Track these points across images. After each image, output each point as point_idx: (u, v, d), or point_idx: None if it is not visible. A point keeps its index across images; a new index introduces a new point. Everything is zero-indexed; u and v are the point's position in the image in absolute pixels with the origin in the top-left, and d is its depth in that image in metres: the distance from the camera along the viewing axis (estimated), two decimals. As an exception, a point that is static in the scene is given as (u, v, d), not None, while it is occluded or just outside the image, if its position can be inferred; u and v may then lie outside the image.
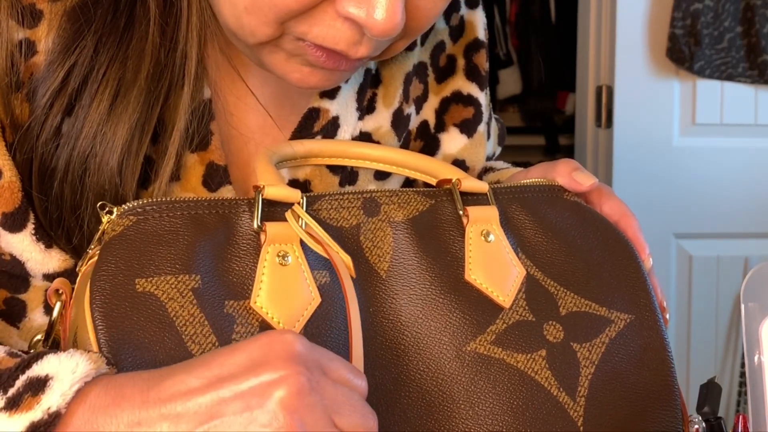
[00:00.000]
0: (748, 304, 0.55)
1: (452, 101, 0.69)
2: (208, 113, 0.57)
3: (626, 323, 0.54)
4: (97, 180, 0.52)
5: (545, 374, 0.51)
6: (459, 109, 0.69)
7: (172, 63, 0.54)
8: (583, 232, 0.57)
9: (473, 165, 0.70)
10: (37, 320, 0.56)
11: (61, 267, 0.54)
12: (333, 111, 0.63)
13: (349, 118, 0.64)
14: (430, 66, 0.69)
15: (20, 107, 0.52)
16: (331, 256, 0.47)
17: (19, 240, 0.53)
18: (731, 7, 1.75)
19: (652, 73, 1.80)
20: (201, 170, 0.57)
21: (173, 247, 0.46)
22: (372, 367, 0.48)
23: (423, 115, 0.69)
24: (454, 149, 0.69)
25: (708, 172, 1.81)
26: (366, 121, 0.65)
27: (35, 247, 0.53)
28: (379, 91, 0.66)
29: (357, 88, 0.64)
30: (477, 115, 0.70)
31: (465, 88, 0.70)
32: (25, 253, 0.53)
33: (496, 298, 0.52)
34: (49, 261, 0.54)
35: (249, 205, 0.49)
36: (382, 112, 0.65)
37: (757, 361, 0.53)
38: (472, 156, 0.70)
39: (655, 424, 0.53)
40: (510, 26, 2.92)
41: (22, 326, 0.56)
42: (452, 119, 0.69)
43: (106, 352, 0.42)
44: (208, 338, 0.44)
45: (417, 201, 0.54)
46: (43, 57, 0.53)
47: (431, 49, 0.69)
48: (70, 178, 0.52)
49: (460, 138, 0.69)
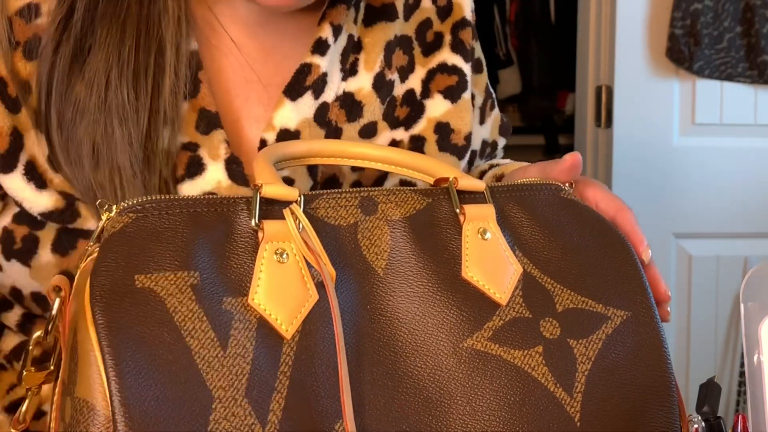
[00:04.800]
0: (747, 303, 0.55)
1: (438, 71, 0.74)
2: (195, 63, 0.62)
3: (623, 320, 0.55)
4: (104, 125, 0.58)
5: (542, 370, 0.51)
6: (444, 78, 0.74)
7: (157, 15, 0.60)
8: (579, 230, 0.57)
9: (458, 128, 0.73)
10: (45, 257, 0.60)
11: (54, 206, 0.59)
12: (323, 67, 0.67)
13: (334, 77, 0.68)
14: (416, 40, 0.74)
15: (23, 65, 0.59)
16: (321, 269, 0.47)
17: (11, 180, 0.59)
18: (731, 7, 1.75)
19: (651, 72, 1.80)
20: (194, 116, 0.62)
21: (172, 244, 0.46)
22: (370, 363, 0.49)
23: (409, 84, 0.73)
24: (438, 113, 0.73)
25: (707, 172, 1.82)
26: (349, 83, 0.70)
27: (27, 186, 0.59)
28: (361, 56, 0.71)
29: (341, 51, 0.69)
30: (461, 83, 0.74)
31: (450, 60, 0.74)
32: (19, 193, 0.59)
33: (492, 295, 0.52)
34: (41, 200, 0.59)
35: (247, 204, 0.49)
36: (364, 75, 0.70)
37: (757, 361, 0.54)
38: (455, 119, 0.73)
39: (652, 420, 0.54)
40: (510, 26, 2.93)
41: (33, 264, 0.60)
42: (437, 87, 0.74)
43: (105, 347, 0.43)
44: (207, 334, 0.45)
45: (414, 199, 0.54)
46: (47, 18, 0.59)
47: (416, 25, 0.74)
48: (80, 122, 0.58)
49: (443, 103, 0.73)
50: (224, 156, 0.62)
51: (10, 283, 0.61)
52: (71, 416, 0.45)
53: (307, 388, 0.46)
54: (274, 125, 0.65)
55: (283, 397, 0.45)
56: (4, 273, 0.61)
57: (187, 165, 0.61)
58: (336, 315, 0.47)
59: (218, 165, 0.62)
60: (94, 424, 0.43)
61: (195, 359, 0.44)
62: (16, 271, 0.60)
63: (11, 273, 0.61)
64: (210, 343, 0.45)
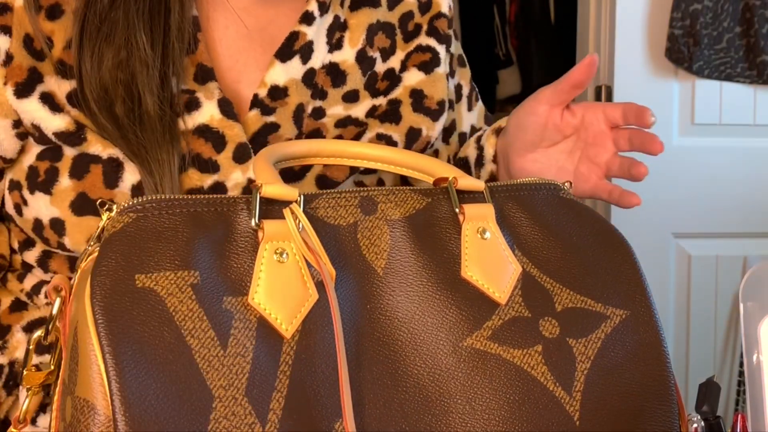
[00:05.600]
0: (746, 303, 0.55)
1: (414, 51, 0.85)
2: (194, 25, 0.74)
3: (622, 319, 0.55)
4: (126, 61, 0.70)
5: (541, 369, 0.51)
6: (419, 56, 0.85)
7: None
8: (578, 229, 0.57)
9: (431, 95, 0.83)
10: (64, 182, 0.69)
11: (66, 128, 0.69)
12: (309, 35, 0.79)
13: (320, 47, 0.79)
14: (399, 28, 0.85)
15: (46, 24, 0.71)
16: (321, 269, 0.47)
17: (28, 103, 0.70)
18: (730, 8, 1.75)
19: (651, 73, 1.80)
20: (193, 69, 0.73)
21: (172, 243, 0.46)
22: (369, 363, 0.49)
23: (390, 64, 0.84)
24: (413, 81, 0.83)
25: (707, 171, 1.82)
26: (334, 54, 0.81)
27: (42, 108, 0.70)
28: (346, 34, 0.82)
29: (328, 27, 0.80)
30: (434, 59, 0.85)
31: (425, 42, 0.86)
32: (35, 113, 0.69)
33: (492, 294, 0.52)
34: (55, 121, 0.69)
35: (247, 203, 0.50)
36: (348, 49, 0.81)
37: (756, 360, 0.54)
38: (429, 87, 0.83)
39: (651, 419, 0.54)
40: (510, 26, 2.93)
41: (54, 191, 0.70)
42: (413, 62, 0.85)
43: (106, 346, 0.43)
44: (207, 333, 0.45)
45: (414, 199, 0.54)
46: None
47: (399, 15, 0.86)
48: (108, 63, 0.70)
49: (418, 74, 0.84)
50: (217, 97, 0.73)
51: (33, 215, 0.71)
52: (72, 415, 0.45)
53: (307, 388, 0.46)
54: (265, 82, 0.76)
55: (283, 396, 0.45)
56: (29, 207, 0.71)
57: (186, 104, 0.73)
58: (336, 314, 0.47)
59: (212, 103, 0.73)
60: (94, 423, 0.43)
61: (195, 358, 0.44)
62: (39, 202, 0.70)
63: (35, 205, 0.70)
64: (210, 343, 0.45)
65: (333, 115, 0.79)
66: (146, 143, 0.69)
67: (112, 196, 0.69)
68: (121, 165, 0.69)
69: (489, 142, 0.83)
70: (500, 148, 0.81)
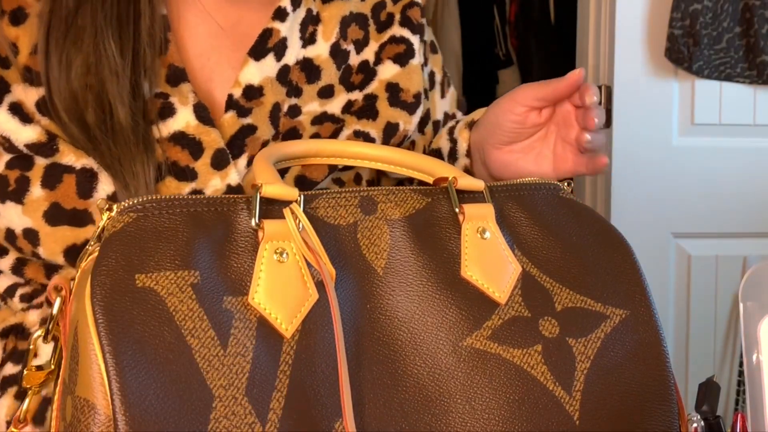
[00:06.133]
0: (746, 303, 0.55)
1: (388, 43, 0.84)
2: (164, 24, 0.72)
3: (621, 319, 0.55)
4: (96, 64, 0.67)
5: (541, 369, 0.51)
6: (393, 47, 0.84)
7: None
8: (578, 229, 0.58)
9: (406, 87, 0.82)
10: (36, 192, 0.66)
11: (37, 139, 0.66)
12: (283, 32, 0.77)
13: (294, 42, 0.78)
14: (371, 18, 0.84)
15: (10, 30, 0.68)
16: (321, 269, 0.47)
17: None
18: (730, 8, 1.75)
19: (651, 73, 1.80)
20: (164, 72, 0.71)
21: (173, 243, 0.46)
22: (369, 362, 0.49)
23: (364, 56, 0.83)
24: (389, 74, 0.82)
25: (707, 171, 1.81)
26: (308, 50, 0.79)
27: (12, 119, 0.66)
28: (319, 28, 0.81)
29: (301, 21, 0.79)
30: (408, 51, 0.84)
31: (398, 33, 0.84)
32: (4, 125, 0.66)
33: (492, 294, 0.52)
34: (26, 132, 0.66)
35: (247, 203, 0.50)
36: (321, 44, 0.80)
37: (756, 360, 0.54)
38: (404, 80, 0.82)
39: (650, 419, 0.54)
40: (510, 26, 2.92)
41: (26, 200, 0.66)
42: (387, 54, 0.83)
43: (106, 346, 0.43)
44: (207, 333, 0.45)
45: (414, 199, 0.55)
46: None
47: (372, 6, 0.85)
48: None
49: (393, 66, 0.83)
50: (192, 102, 0.71)
51: (4, 225, 0.68)
52: (72, 415, 0.45)
53: (307, 387, 0.46)
54: (240, 82, 0.74)
55: (283, 396, 0.45)
56: (0, 216, 0.68)
57: (160, 110, 0.70)
58: (336, 314, 0.47)
59: (187, 109, 0.70)
60: (95, 422, 0.43)
61: (195, 358, 0.44)
62: (11, 212, 0.67)
63: (6, 214, 0.67)
64: (210, 342, 0.45)
65: (309, 112, 0.78)
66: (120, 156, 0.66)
67: (86, 206, 0.67)
68: (95, 175, 0.67)
69: (462, 135, 0.82)
70: (474, 142, 0.81)
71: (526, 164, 0.76)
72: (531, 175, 0.76)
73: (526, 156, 0.76)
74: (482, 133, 0.79)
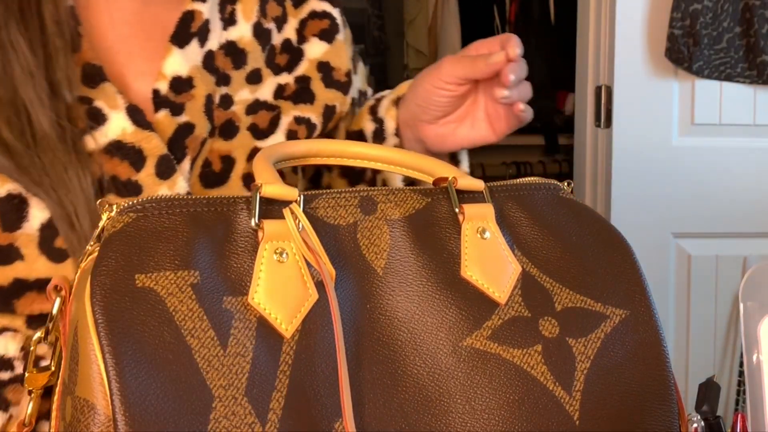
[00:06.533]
0: (746, 303, 0.55)
1: (309, 19, 0.80)
2: (72, 18, 0.64)
3: (621, 319, 0.55)
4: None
5: (541, 369, 0.51)
6: (316, 23, 0.80)
7: None
8: (578, 229, 0.57)
9: (337, 66, 0.79)
10: None
11: None
12: (205, 14, 0.71)
13: (215, 25, 0.72)
14: None
15: None
16: (321, 269, 0.47)
17: None
18: (730, 8, 1.75)
19: (651, 73, 1.80)
20: (79, 72, 0.63)
21: (172, 243, 0.46)
22: (369, 362, 0.49)
23: (285, 34, 0.78)
24: (318, 53, 0.79)
25: (707, 171, 1.82)
26: (229, 32, 0.73)
27: None
28: (238, 6, 0.75)
29: (219, 1, 0.73)
30: (333, 26, 0.80)
31: (319, 7, 0.81)
32: None
33: (491, 294, 0.52)
34: None
35: (247, 203, 0.50)
36: (243, 24, 0.74)
37: (756, 360, 0.54)
38: (334, 58, 0.79)
39: (651, 419, 0.54)
40: (510, 26, 2.93)
41: None
42: (311, 31, 0.79)
43: (106, 346, 0.43)
44: (207, 333, 0.45)
45: (413, 199, 0.55)
46: None
47: None
48: None
49: (320, 44, 0.79)
50: (123, 104, 0.63)
51: None
52: (72, 415, 0.45)
53: (307, 387, 0.46)
54: (165, 74, 0.67)
55: (283, 396, 0.45)
56: None
57: (87, 117, 0.62)
58: (335, 314, 0.47)
59: (120, 114, 0.63)
60: (94, 423, 0.43)
61: (195, 358, 0.44)
62: None
63: None
64: (210, 342, 0.45)
65: (241, 101, 0.72)
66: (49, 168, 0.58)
67: (12, 240, 0.58)
68: (24, 201, 0.58)
69: (389, 114, 0.78)
70: (404, 121, 0.78)
71: (463, 132, 0.75)
72: (470, 141, 0.76)
73: (462, 124, 0.75)
74: (413, 110, 0.76)
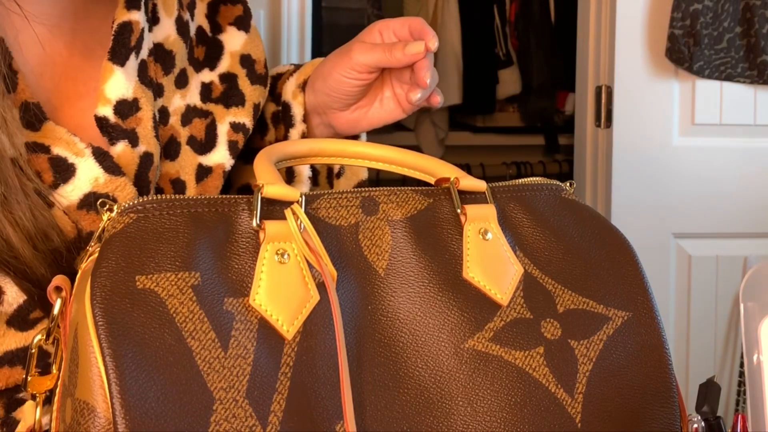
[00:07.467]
0: (747, 303, 0.55)
1: (219, 3, 0.73)
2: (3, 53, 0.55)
3: (624, 320, 0.55)
4: None
5: (543, 371, 0.51)
6: (229, 9, 0.74)
7: None
8: (580, 231, 0.57)
9: (257, 57, 0.74)
10: None
11: None
12: (141, 22, 0.63)
13: (146, 30, 0.64)
14: None
15: None
16: (322, 269, 0.47)
17: None
18: (730, 8, 1.75)
19: (651, 73, 1.80)
20: (17, 113, 0.54)
21: (173, 244, 0.46)
22: (370, 364, 0.49)
23: (197, 22, 0.72)
24: (238, 45, 0.73)
25: (707, 172, 1.81)
26: (155, 33, 0.66)
27: None
28: (158, 1, 0.67)
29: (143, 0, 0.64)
30: (246, 12, 0.74)
31: None
32: None
33: (494, 295, 0.52)
34: None
35: (248, 204, 0.49)
36: (166, 21, 0.67)
37: (756, 361, 0.54)
38: (253, 48, 0.74)
39: (653, 422, 0.54)
40: (510, 26, 2.93)
41: None
42: (226, 19, 0.73)
43: (106, 348, 0.43)
44: (208, 335, 0.45)
45: (415, 200, 0.54)
46: None
47: None
48: None
49: (239, 35, 0.73)
50: (85, 148, 0.56)
51: None
52: (72, 417, 0.44)
53: (308, 389, 0.46)
54: (108, 98, 0.59)
55: (284, 398, 0.45)
56: None
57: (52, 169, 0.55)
58: (337, 315, 0.47)
59: (87, 161, 0.56)
60: (94, 425, 0.43)
61: (196, 360, 0.44)
62: None
63: None
64: (211, 344, 0.45)
65: (175, 111, 0.66)
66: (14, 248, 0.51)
67: None
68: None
69: (296, 100, 0.74)
70: (313, 107, 0.75)
71: (374, 114, 0.74)
72: (381, 121, 0.74)
73: (371, 107, 0.74)
74: (323, 100, 0.74)
